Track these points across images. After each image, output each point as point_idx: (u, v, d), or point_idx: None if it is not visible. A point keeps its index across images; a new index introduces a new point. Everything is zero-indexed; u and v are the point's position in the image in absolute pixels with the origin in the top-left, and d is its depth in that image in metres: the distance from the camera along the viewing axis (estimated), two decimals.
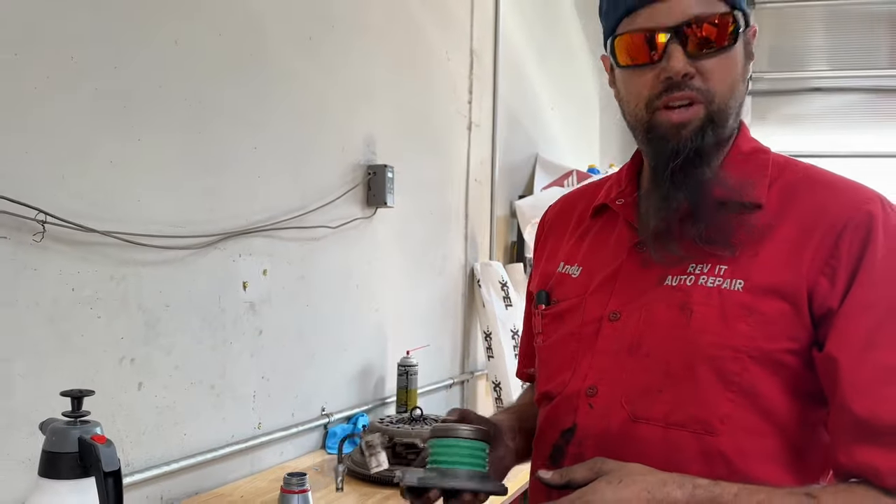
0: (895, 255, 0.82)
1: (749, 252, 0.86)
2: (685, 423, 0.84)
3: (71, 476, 1.12)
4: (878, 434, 0.77)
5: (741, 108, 0.91)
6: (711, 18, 0.85)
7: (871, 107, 6.05)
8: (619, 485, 0.77)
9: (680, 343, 0.85)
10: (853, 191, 0.88)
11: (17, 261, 1.29)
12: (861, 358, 0.79)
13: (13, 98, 1.28)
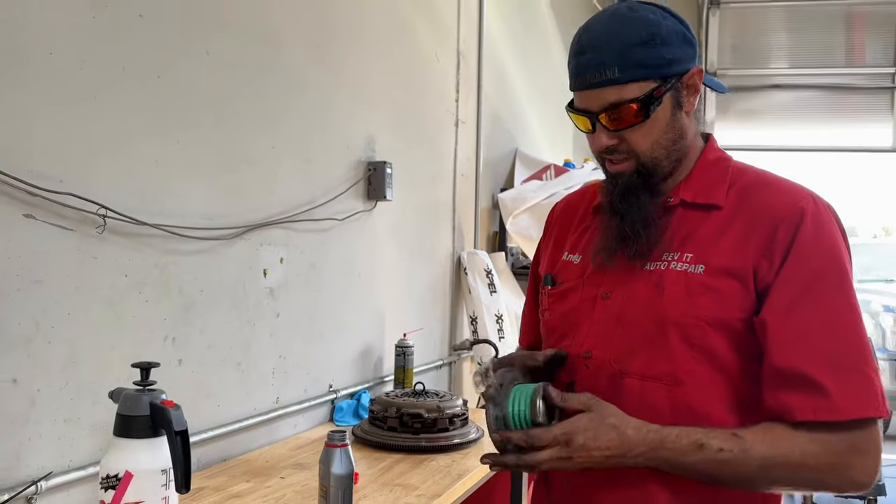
0: (816, 242, 1.03)
1: (711, 243, 1.07)
2: (658, 376, 1.06)
3: (143, 436, 1.31)
4: (791, 380, 0.99)
5: (676, 146, 1.11)
6: (624, 104, 1.06)
7: (827, 103, 6.37)
8: (598, 423, 1.02)
9: (655, 313, 1.07)
10: (791, 191, 1.09)
11: (82, 251, 1.46)
12: (783, 321, 1.00)
13: (78, 106, 1.45)
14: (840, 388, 0.97)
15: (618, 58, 1.05)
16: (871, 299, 6.81)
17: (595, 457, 1.01)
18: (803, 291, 1.01)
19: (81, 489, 1.46)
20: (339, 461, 1.31)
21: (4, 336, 1.31)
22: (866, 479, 0.99)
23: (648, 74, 1.05)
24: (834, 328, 1.00)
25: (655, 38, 1.05)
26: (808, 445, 0.98)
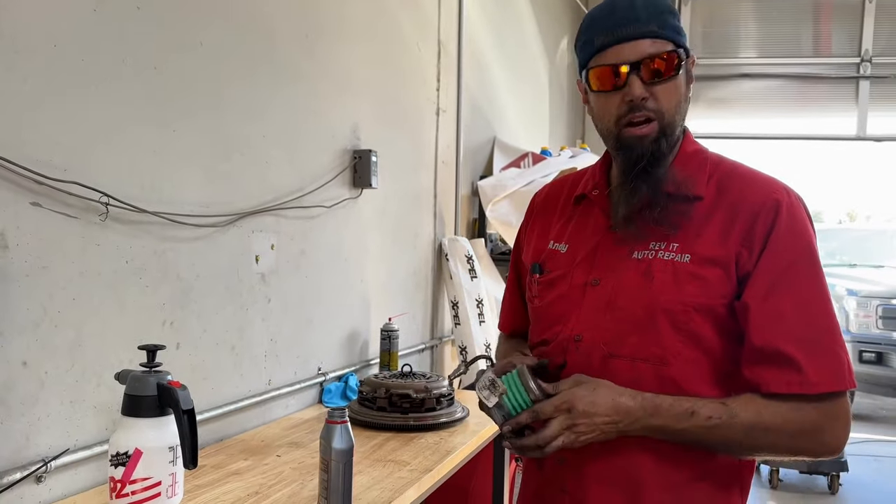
0: (791, 232, 1.12)
1: (694, 233, 1.15)
2: (647, 357, 1.13)
3: (150, 415, 1.37)
4: (769, 357, 1.09)
5: (684, 119, 1.20)
6: (661, 55, 1.13)
7: (794, 92, 6.53)
8: (593, 391, 1.10)
9: (644, 300, 1.14)
10: (766, 183, 1.17)
11: (86, 237, 1.51)
12: (761, 304, 1.09)
13: (80, 97, 1.49)
14: (812, 364, 1.07)
15: (655, 17, 1.14)
16: (836, 283, 7.03)
17: (597, 423, 1.09)
18: (780, 278, 1.10)
19: (88, 468, 1.52)
20: (340, 436, 1.38)
21: (14, 320, 1.36)
22: (837, 444, 1.10)
23: (676, 39, 1.15)
24: (807, 311, 1.10)
25: (675, 13, 1.16)
26: (788, 413, 1.07)
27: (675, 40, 1.15)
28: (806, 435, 1.09)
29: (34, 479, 1.40)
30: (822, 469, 4.57)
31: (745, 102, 6.61)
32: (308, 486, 1.55)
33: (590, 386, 1.11)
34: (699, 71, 6.39)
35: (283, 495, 1.51)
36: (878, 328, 6.35)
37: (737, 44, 6.58)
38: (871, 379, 6.33)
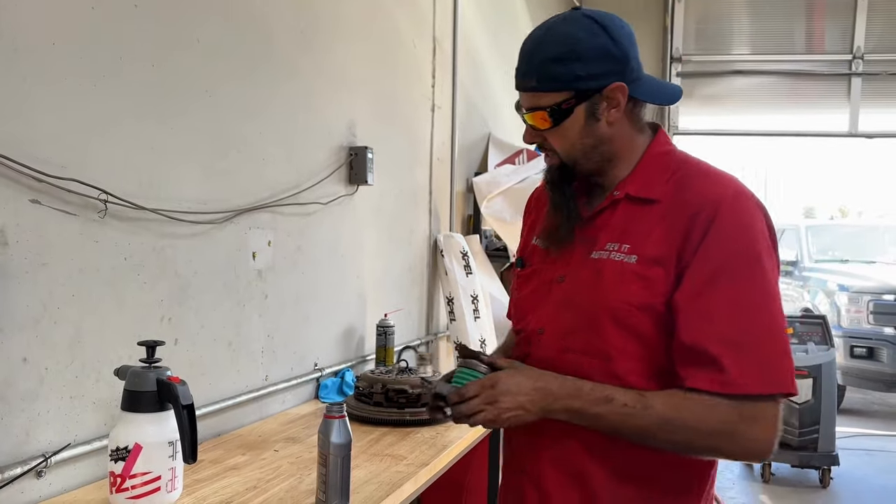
0: (729, 231, 1.12)
1: (646, 234, 1.17)
2: (594, 353, 1.18)
3: (150, 410, 1.39)
4: (694, 355, 1.10)
5: (597, 150, 1.22)
6: (537, 109, 1.20)
7: (787, 89, 6.56)
8: (520, 373, 1.18)
9: (593, 299, 1.19)
10: (717, 182, 1.18)
11: (84, 234, 1.52)
12: (691, 302, 1.11)
13: (79, 94, 1.50)
14: (737, 365, 1.07)
15: (536, 70, 1.18)
16: (828, 279, 7.09)
17: (520, 401, 1.14)
18: (713, 276, 1.11)
19: (87, 463, 1.53)
20: (338, 431, 1.39)
21: (15, 317, 1.37)
22: (759, 449, 1.11)
23: (560, 87, 1.18)
24: (739, 311, 1.10)
25: (570, 56, 1.16)
26: (703, 411, 1.09)
27: (558, 89, 1.18)
28: (721, 435, 1.09)
29: (34, 474, 1.41)
30: (814, 463, 4.61)
31: (738, 99, 6.64)
32: (306, 481, 1.57)
33: (520, 369, 1.20)
34: (692, 67, 6.46)
35: (280, 489, 1.52)
36: (869, 323, 6.40)
37: (730, 40, 6.61)
38: (862, 374, 6.39)
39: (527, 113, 1.22)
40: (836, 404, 4.75)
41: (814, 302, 7.07)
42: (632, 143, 1.24)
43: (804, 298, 7.33)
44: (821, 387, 4.60)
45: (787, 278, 7.93)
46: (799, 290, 7.56)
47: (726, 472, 4.98)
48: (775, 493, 4.55)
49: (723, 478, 4.84)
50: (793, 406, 4.60)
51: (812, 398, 4.60)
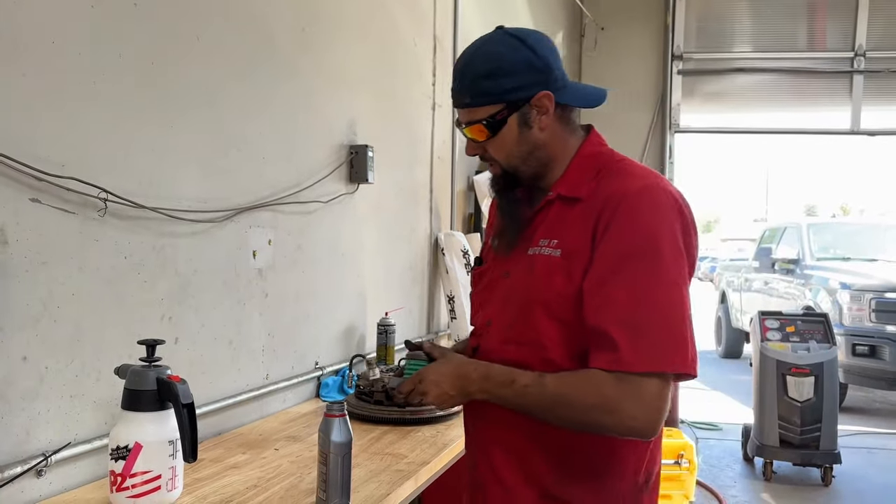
0: (631, 223, 1.20)
1: (569, 230, 1.27)
2: (529, 342, 1.28)
3: (150, 409, 1.38)
4: (596, 336, 1.19)
5: (534, 155, 1.31)
6: (473, 124, 1.28)
7: (789, 87, 6.55)
8: (443, 364, 1.32)
9: (525, 292, 1.29)
10: (630, 177, 1.26)
11: (84, 233, 1.51)
12: (594, 290, 1.20)
13: (78, 93, 1.49)
14: (630, 345, 1.16)
15: (468, 88, 1.27)
16: (829, 277, 7.07)
17: (444, 388, 1.30)
18: (615, 265, 1.20)
19: (88, 461, 1.53)
20: (339, 430, 1.39)
21: (14, 316, 1.37)
22: (638, 427, 1.18)
23: (491, 100, 1.26)
24: (638, 298, 1.18)
25: (498, 71, 1.25)
26: (586, 388, 1.19)
27: (491, 102, 1.26)
28: (602, 410, 1.18)
29: (34, 474, 1.41)
30: (816, 461, 4.61)
31: (740, 97, 6.62)
32: (306, 480, 1.57)
33: (443, 361, 1.34)
34: (693, 65, 6.45)
35: (281, 488, 1.52)
36: (871, 321, 6.38)
37: (731, 38, 6.59)
38: (864, 372, 6.37)
39: (465, 127, 1.30)
40: (837, 402, 4.74)
41: (815, 300, 7.05)
42: (565, 145, 1.33)
43: (805, 297, 7.31)
44: (823, 385, 4.59)
45: (788, 276, 7.92)
46: (800, 289, 7.54)
47: (728, 470, 4.97)
48: (777, 492, 4.54)
49: (724, 476, 4.84)
50: (795, 404, 4.60)
51: (814, 396, 4.59)
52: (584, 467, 1.28)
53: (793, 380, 4.64)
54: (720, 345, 10.26)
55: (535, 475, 1.30)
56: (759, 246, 9.25)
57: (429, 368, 1.33)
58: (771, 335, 4.84)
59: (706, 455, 5.21)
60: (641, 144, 6.41)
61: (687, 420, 6.22)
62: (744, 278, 9.51)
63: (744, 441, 5.15)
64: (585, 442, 1.26)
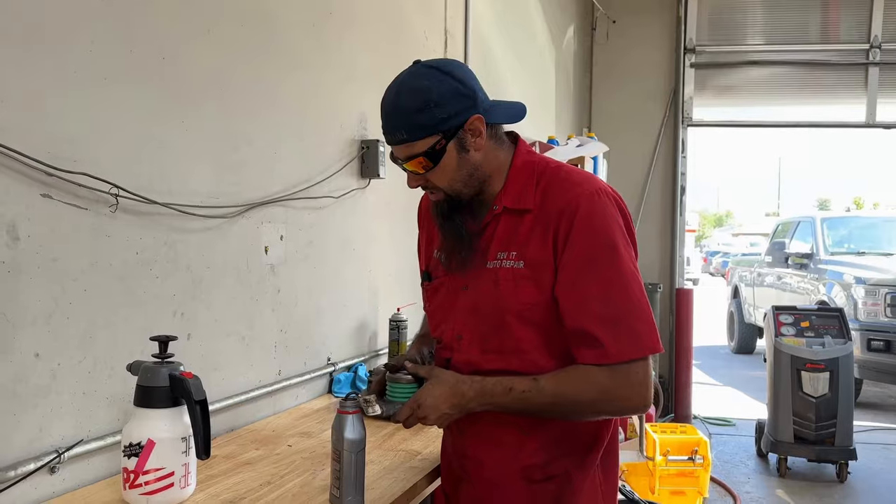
0: (588, 229, 1.31)
1: (525, 241, 1.36)
2: (509, 350, 1.38)
3: (163, 405, 1.37)
4: (578, 336, 1.31)
5: (473, 177, 1.37)
6: (413, 157, 1.33)
7: (802, 79, 6.48)
8: (435, 388, 1.36)
9: (495, 305, 1.37)
10: (574, 185, 1.35)
11: (96, 229, 1.51)
12: (568, 293, 1.32)
13: (89, 88, 1.48)
14: (612, 339, 1.29)
15: (403, 124, 1.31)
16: (844, 271, 7.01)
17: (443, 409, 1.35)
18: (580, 269, 1.31)
19: (101, 458, 1.52)
20: (352, 427, 1.37)
21: (27, 312, 1.36)
22: (632, 405, 1.33)
23: (428, 133, 1.31)
24: (606, 295, 1.30)
25: (429, 104, 1.30)
26: (582, 384, 1.31)
27: (427, 135, 1.31)
28: (600, 400, 1.32)
29: (48, 470, 1.41)
30: (831, 457, 4.57)
31: (752, 90, 6.56)
32: (319, 476, 1.56)
33: (435, 382, 1.37)
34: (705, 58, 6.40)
35: (295, 485, 1.51)
36: (886, 316, 6.32)
37: (744, 30, 6.53)
38: (879, 367, 6.31)
39: (405, 162, 1.35)
40: (853, 398, 4.69)
41: (829, 295, 6.99)
42: (498, 160, 1.41)
43: (819, 291, 7.25)
44: (838, 380, 4.55)
45: (801, 271, 7.86)
46: (814, 283, 7.47)
47: (742, 466, 4.94)
48: (791, 488, 4.51)
49: (738, 472, 4.81)
50: (809, 400, 4.56)
51: (829, 392, 4.55)
52: (571, 447, 1.42)
53: (807, 375, 4.60)
54: (732, 340, 10.20)
55: (526, 466, 1.40)
56: (772, 240, 9.19)
57: (423, 393, 1.36)
58: (785, 330, 4.81)
59: (719, 451, 5.18)
60: (654, 138, 6.36)
61: (700, 415, 6.19)
62: (756, 273, 9.45)
63: (757, 437, 5.12)
64: (574, 426, 1.40)
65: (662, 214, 6.47)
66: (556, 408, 1.34)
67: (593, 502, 1.45)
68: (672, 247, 6.49)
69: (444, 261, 1.47)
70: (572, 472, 1.42)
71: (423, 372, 1.40)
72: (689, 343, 6.19)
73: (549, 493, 1.42)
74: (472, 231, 1.40)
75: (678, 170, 6.40)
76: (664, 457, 3.52)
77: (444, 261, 1.47)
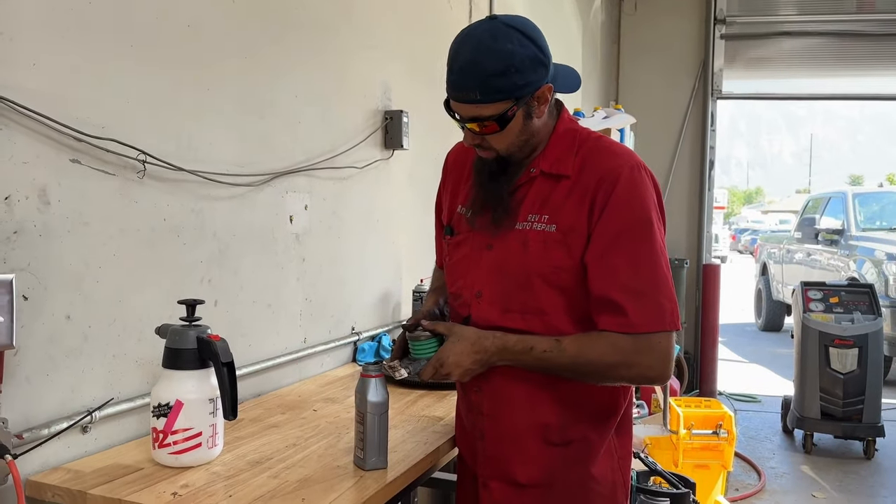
0: (626, 201, 1.32)
1: (560, 206, 1.36)
2: (531, 311, 1.39)
3: (191, 367, 1.40)
4: (603, 304, 1.33)
5: (529, 143, 1.38)
6: (480, 119, 1.31)
7: (836, 50, 6.33)
8: (456, 344, 1.37)
9: (523, 266, 1.38)
10: (615, 156, 1.37)
11: (124, 195, 1.53)
12: (597, 262, 1.33)
13: (117, 55, 1.50)
14: (636, 309, 1.31)
15: (478, 85, 1.28)
16: (875, 247, 6.88)
17: (465, 364, 1.37)
18: (614, 239, 1.33)
19: (130, 419, 1.56)
20: (375, 389, 1.39)
21: (58, 275, 1.39)
22: (653, 375, 1.35)
23: (503, 98, 1.30)
24: (635, 267, 1.32)
25: (510, 68, 1.27)
26: (605, 348, 1.33)
27: (501, 99, 1.29)
28: (621, 366, 1.33)
29: (80, 430, 1.45)
30: (858, 434, 4.53)
31: (785, 62, 6.43)
32: (344, 439, 1.58)
33: (455, 339, 1.38)
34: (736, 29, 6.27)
35: (320, 447, 1.53)
36: None
37: (776, 1, 6.38)
38: None
39: (468, 122, 1.33)
40: (882, 375, 4.64)
41: (860, 271, 6.88)
42: (547, 126, 1.41)
43: (850, 268, 7.13)
44: (867, 357, 4.49)
45: (832, 248, 7.73)
46: (844, 260, 7.35)
47: (767, 442, 4.92)
48: (817, 464, 4.48)
49: (763, 448, 4.78)
50: (837, 376, 4.51)
51: (858, 368, 4.50)
52: (589, 412, 1.43)
53: (836, 351, 4.55)
54: (760, 318, 10.10)
55: (543, 426, 1.42)
56: (802, 216, 9.04)
57: (445, 351, 1.37)
58: (814, 306, 4.75)
59: (744, 427, 5.16)
60: (682, 111, 6.27)
61: (725, 392, 6.16)
62: (786, 250, 9.32)
63: (783, 413, 5.08)
64: (592, 390, 1.41)
65: (690, 189, 6.40)
66: (577, 368, 1.36)
67: (609, 468, 1.47)
68: (700, 222, 6.42)
69: (471, 218, 1.47)
70: (591, 438, 1.44)
71: (441, 329, 1.41)
72: (715, 319, 6.14)
73: (566, 456, 1.43)
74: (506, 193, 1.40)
75: (707, 143, 6.31)
76: (688, 430, 3.51)
77: (469, 217, 1.47)
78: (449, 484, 2.04)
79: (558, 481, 1.43)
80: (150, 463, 1.40)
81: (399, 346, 1.50)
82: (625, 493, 1.51)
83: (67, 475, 1.34)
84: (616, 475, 1.48)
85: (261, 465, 1.42)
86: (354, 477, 1.36)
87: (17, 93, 1.29)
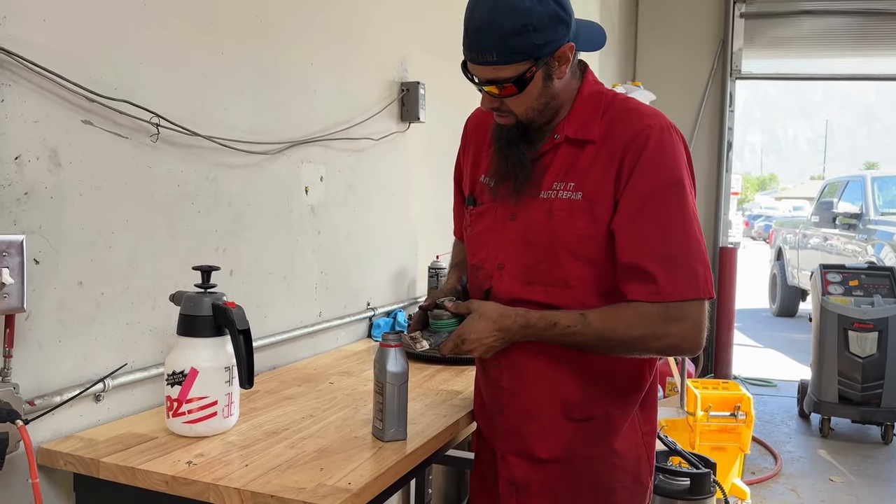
0: (656, 163, 1.26)
1: (586, 172, 1.31)
2: (555, 283, 1.34)
3: (206, 335, 1.37)
4: (632, 272, 1.27)
5: (549, 106, 1.32)
6: (498, 80, 1.26)
7: (858, 30, 6.20)
8: (478, 322, 1.33)
9: (548, 235, 1.33)
10: (643, 117, 1.30)
11: (137, 159, 1.49)
12: (626, 228, 1.27)
13: (129, 14, 1.45)
14: (667, 276, 1.25)
15: (495, 45, 1.22)
16: (894, 231, 6.77)
17: (487, 342, 1.33)
18: (643, 202, 1.26)
19: (144, 389, 1.53)
20: (395, 359, 1.35)
21: (70, 239, 1.35)
22: (684, 345, 1.28)
23: (521, 58, 1.24)
24: (666, 232, 1.26)
25: (528, 27, 1.21)
26: (633, 319, 1.27)
27: (520, 60, 1.23)
28: (651, 335, 1.27)
29: (93, 399, 1.42)
30: (877, 418, 4.46)
31: (806, 41, 6.30)
32: (361, 411, 1.54)
33: (476, 316, 1.33)
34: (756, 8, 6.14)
35: (337, 418, 1.50)
36: None
37: None
38: None
39: (487, 85, 1.28)
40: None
41: (878, 255, 6.77)
42: (570, 88, 1.35)
43: (868, 252, 7.02)
44: (887, 340, 4.42)
45: (850, 232, 7.62)
46: (862, 245, 7.24)
47: (783, 426, 4.87)
48: (834, 448, 4.42)
49: (779, 432, 4.74)
50: (856, 360, 4.45)
51: (877, 352, 4.43)
52: (611, 387, 1.39)
53: (855, 335, 4.48)
54: (775, 303, 10.00)
55: (564, 402, 1.38)
56: (818, 200, 8.92)
57: (467, 327, 1.33)
58: (833, 289, 4.67)
59: (760, 411, 5.10)
60: (701, 90, 6.16)
61: (740, 376, 6.11)
62: (801, 234, 9.20)
63: (800, 397, 5.02)
64: (614, 364, 1.36)
65: (708, 170, 6.30)
66: (603, 342, 1.31)
67: (632, 443, 1.43)
68: (717, 204, 6.34)
69: (493, 187, 1.41)
70: (613, 414, 1.40)
71: (462, 309, 1.36)
72: (731, 303, 6.07)
73: (587, 432, 1.39)
74: (529, 161, 1.35)
75: (725, 124, 6.21)
76: (705, 412, 3.47)
77: (492, 187, 1.42)
78: (463, 461, 2.01)
79: (578, 456, 1.40)
80: (165, 432, 1.37)
81: (417, 319, 1.45)
82: (649, 469, 1.47)
83: (80, 443, 1.31)
84: (640, 450, 1.44)
85: (277, 436, 1.38)
86: (373, 448, 1.33)
87: (27, 48, 1.25)
